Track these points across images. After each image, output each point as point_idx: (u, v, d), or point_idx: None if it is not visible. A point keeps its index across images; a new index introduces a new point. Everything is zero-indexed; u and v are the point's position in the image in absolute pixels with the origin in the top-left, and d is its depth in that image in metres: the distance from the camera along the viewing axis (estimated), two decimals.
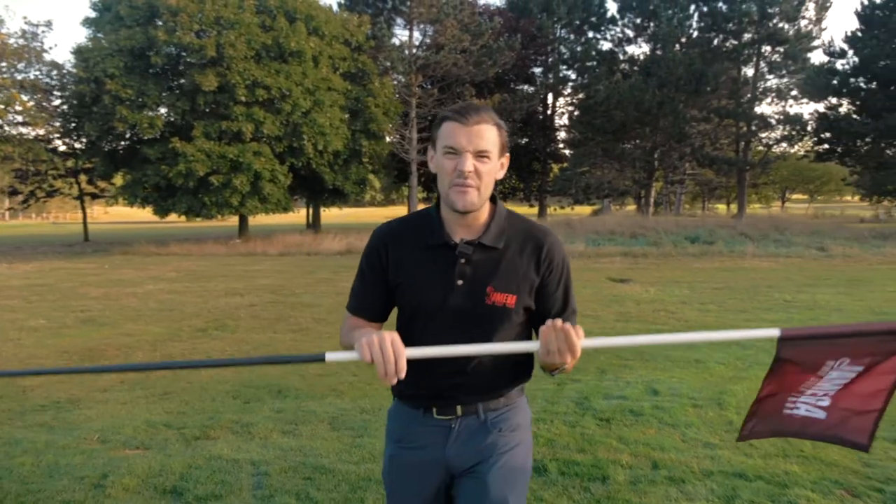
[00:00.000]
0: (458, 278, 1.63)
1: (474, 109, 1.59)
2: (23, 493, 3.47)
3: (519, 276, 1.65)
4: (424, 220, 1.70)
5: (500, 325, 1.66)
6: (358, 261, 1.79)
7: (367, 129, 24.13)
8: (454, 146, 1.57)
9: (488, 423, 1.72)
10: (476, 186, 1.57)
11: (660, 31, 32.59)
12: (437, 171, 1.63)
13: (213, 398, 5.31)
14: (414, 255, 1.67)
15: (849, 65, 29.62)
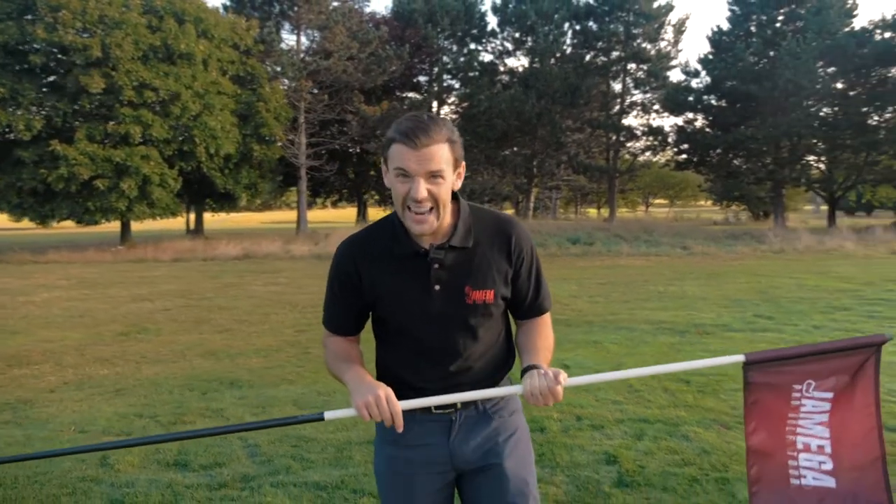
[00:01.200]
0: (435, 284, 1.62)
1: (423, 130, 1.52)
2: (32, 475, 3.79)
3: (493, 270, 1.66)
4: (389, 230, 1.68)
5: (481, 321, 1.68)
6: (254, 266, 2.17)
7: (259, 133, 24.06)
8: (404, 168, 1.53)
9: (487, 411, 1.73)
10: (432, 208, 1.56)
11: (537, 46, 34.60)
12: (391, 189, 1.60)
13: (170, 391, 5.67)
14: (385, 267, 1.65)
15: (702, 83, 32.94)
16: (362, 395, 1.50)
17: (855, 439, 1.61)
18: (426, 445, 1.70)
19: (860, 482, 1.60)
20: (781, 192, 31.90)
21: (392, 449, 1.73)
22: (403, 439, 1.69)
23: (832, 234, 22.06)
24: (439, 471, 1.71)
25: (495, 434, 1.71)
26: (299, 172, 30.66)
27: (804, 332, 7.80)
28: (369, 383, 1.54)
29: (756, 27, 31.36)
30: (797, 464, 1.64)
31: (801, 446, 1.63)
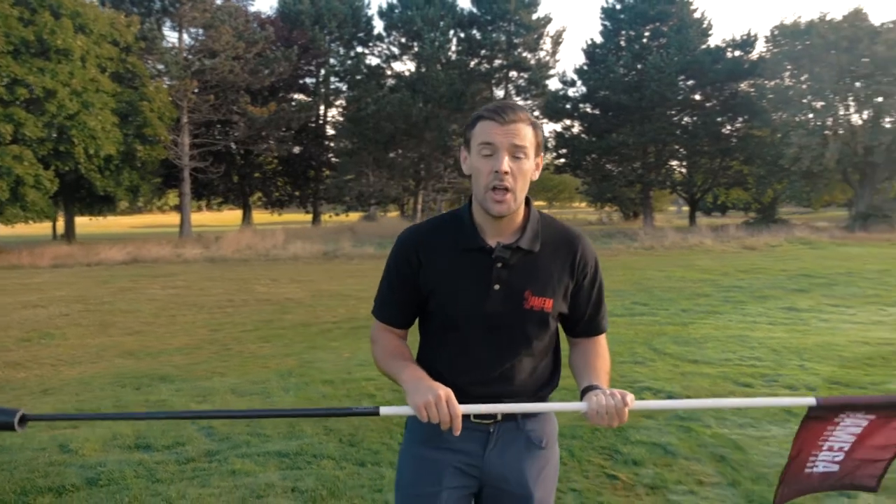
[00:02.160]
0: (495, 283, 1.59)
1: (510, 108, 1.55)
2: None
3: (555, 280, 1.63)
4: (456, 223, 1.65)
5: (535, 330, 1.63)
6: (145, 271, 2.20)
7: (142, 133, 23.21)
8: (491, 142, 1.53)
9: (526, 430, 1.68)
10: (512, 188, 1.54)
11: (423, 52, 35.47)
12: (472, 172, 1.59)
13: (101, 388, 5.81)
14: (447, 260, 1.62)
15: (578, 93, 35.15)
16: (422, 395, 1.45)
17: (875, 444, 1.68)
18: (460, 451, 1.65)
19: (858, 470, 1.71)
20: (649, 194, 34.65)
21: (423, 449, 1.68)
22: (436, 440, 1.64)
23: (693, 232, 24.44)
24: (466, 481, 1.67)
25: (531, 459, 1.67)
26: (182, 174, 29.74)
27: (674, 314, 8.99)
28: (429, 384, 1.49)
29: (625, 41, 33.90)
30: (816, 459, 1.72)
31: (826, 448, 1.71)
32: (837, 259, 16.55)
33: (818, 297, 10.58)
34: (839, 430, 1.69)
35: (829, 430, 1.69)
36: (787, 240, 21.71)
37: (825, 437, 1.70)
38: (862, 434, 1.68)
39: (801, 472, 1.74)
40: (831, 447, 1.71)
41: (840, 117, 30.19)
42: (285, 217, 44.95)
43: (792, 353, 6.62)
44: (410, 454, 1.72)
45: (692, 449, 4.15)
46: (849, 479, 1.73)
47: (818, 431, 1.69)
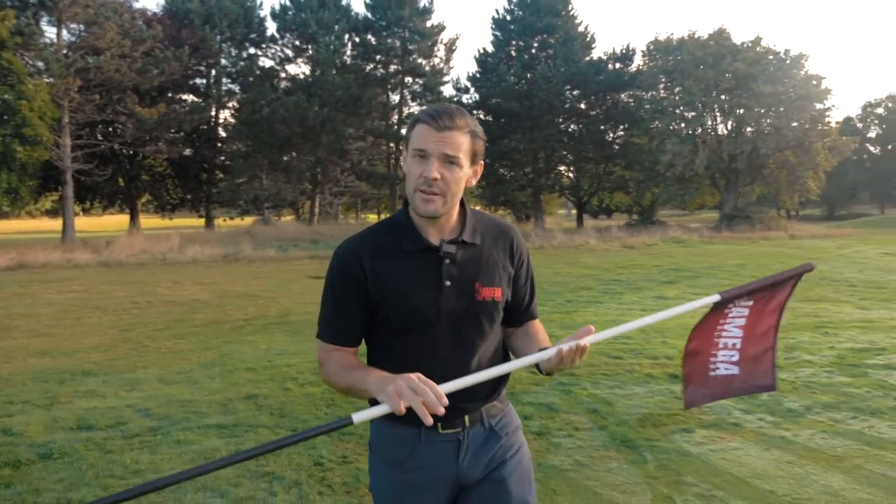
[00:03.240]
0: (446, 279, 1.59)
1: (448, 114, 1.54)
2: None
3: (499, 270, 1.67)
4: (395, 227, 1.65)
5: (489, 321, 1.66)
6: (35, 276, 2.08)
7: (21, 133, 22.07)
8: (423, 148, 1.52)
9: (494, 428, 1.70)
10: (441, 193, 1.53)
11: (318, 56, 35.58)
12: (406, 173, 1.59)
13: (24, 384, 5.96)
14: (393, 264, 1.60)
15: (472, 99, 36.48)
16: (391, 382, 1.38)
17: (758, 334, 1.81)
18: (432, 466, 1.63)
19: (754, 371, 1.82)
20: (540, 198, 36.47)
21: (397, 473, 1.65)
22: (408, 462, 1.63)
23: (580, 233, 26.18)
24: (445, 492, 1.66)
25: (501, 452, 1.69)
26: (64, 177, 28.34)
27: (560, 305, 10.02)
28: (394, 376, 1.41)
29: (515, 52, 35.56)
30: (716, 359, 1.82)
31: (721, 345, 1.82)
32: (703, 255, 18.46)
33: (684, 287, 12.02)
34: (728, 324, 1.82)
35: (721, 323, 1.82)
36: (662, 239, 23.77)
37: (718, 333, 1.82)
38: (747, 325, 1.81)
39: (706, 375, 1.84)
40: (725, 345, 1.83)
41: (708, 127, 33.22)
42: (176, 221, 43.49)
43: (657, 332, 7.72)
44: (386, 480, 1.67)
45: (571, 405, 5.01)
46: (749, 381, 1.82)
47: (711, 328, 1.82)
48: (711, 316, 1.81)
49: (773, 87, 30.04)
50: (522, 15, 34.60)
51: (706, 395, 1.86)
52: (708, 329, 1.83)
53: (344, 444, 4.23)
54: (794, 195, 34.00)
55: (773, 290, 1.79)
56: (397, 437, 1.65)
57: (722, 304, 1.78)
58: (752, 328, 1.81)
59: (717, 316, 1.81)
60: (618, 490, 3.60)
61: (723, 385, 1.84)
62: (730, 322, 1.82)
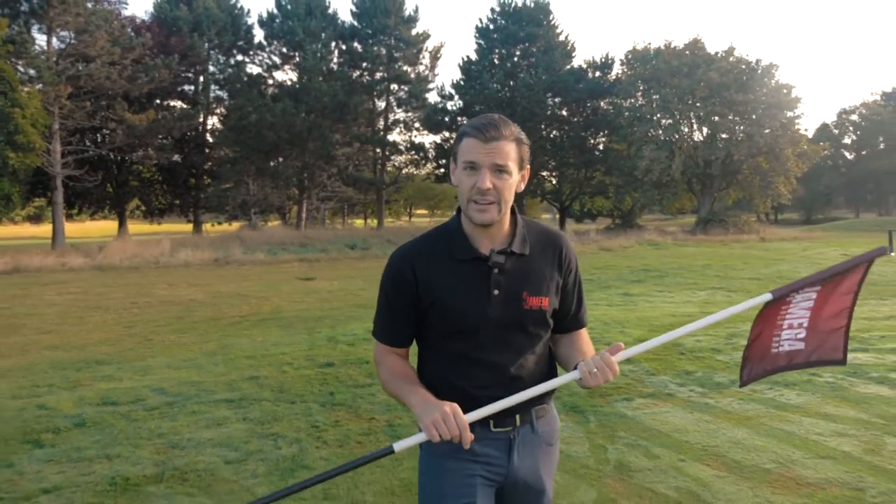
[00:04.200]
0: (494, 288, 1.64)
1: (494, 125, 1.60)
2: None
3: (547, 279, 1.70)
4: (447, 235, 1.71)
5: (536, 329, 1.71)
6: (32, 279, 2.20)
7: (13, 140, 22.59)
8: (473, 160, 1.59)
9: (539, 432, 1.76)
10: (495, 202, 1.60)
11: (305, 63, 36.24)
12: (457, 185, 1.65)
13: (45, 371, 6.64)
14: (444, 271, 1.67)
15: (456, 106, 37.28)
16: (430, 413, 1.51)
17: (829, 315, 1.77)
18: (489, 460, 1.71)
19: (823, 345, 1.79)
20: (522, 202, 37.35)
21: (448, 461, 1.70)
22: (467, 454, 1.68)
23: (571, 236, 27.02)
24: (493, 485, 1.73)
25: (545, 458, 1.77)
26: (54, 182, 28.82)
27: None
28: (435, 402, 1.54)
29: (498, 60, 36.45)
30: (780, 338, 1.81)
31: (787, 325, 1.81)
32: (674, 257, 19.37)
33: (650, 285, 12.86)
34: (793, 308, 1.80)
35: (784, 310, 1.80)
36: (637, 242, 24.70)
37: (782, 316, 1.81)
38: (815, 307, 1.78)
39: (768, 352, 1.84)
40: (791, 325, 1.81)
41: (684, 134, 34.23)
42: (164, 227, 43.93)
43: (617, 323, 8.54)
44: (436, 467, 1.72)
45: None
46: (816, 355, 1.80)
47: (774, 315, 1.81)
48: (770, 309, 1.82)
49: (744, 96, 31.13)
50: (505, 24, 35.53)
51: (765, 371, 1.87)
52: (770, 317, 1.84)
53: (336, 412, 4.99)
54: (766, 199, 35.09)
55: (842, 276, 1.77)
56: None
57: (778, 300, 1.80)
58: (819, 310, 1.80)
59: (780, 305, 1.82)
60: (563, 442, 4.38)
61: (784, 359, 1.84)
62: (794, 307, 1.82)
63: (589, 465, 4.01)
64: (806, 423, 4.68)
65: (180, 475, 3.85)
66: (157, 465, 4.02)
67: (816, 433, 4.49)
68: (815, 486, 3.68)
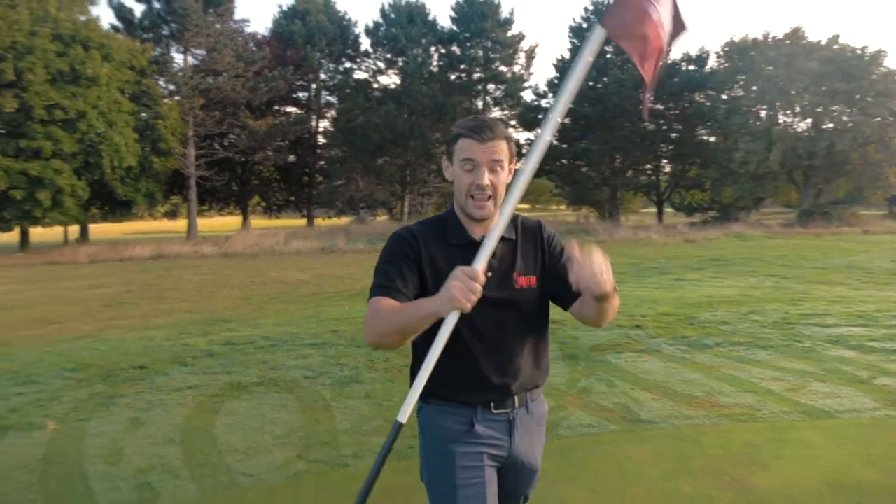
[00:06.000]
0: (488, 270, 1.67)
1: (487, 126, 1.72)
2: None
3: (533, 260, 1.84)
4: (444, 223, 1.83)
5: (527, 306, 1.82)
6: (172, 264, 2.78)
7: (157, 147, 26.19)
8: (472, 158, 1.71)
9: (533, 413, 1.88)
10: (492, 196, 1.73)
11: (407, 67, 38.54)
12: (455, 181, 1.76)
13: (185, 326, 8.78)
14: (441, 254, 1.77)
15: (549, 104, 38.22)
16: (447, 292, 1.49)
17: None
18: (492, 441, 1.80)
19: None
20: (617, 196, 37.88)
21: (456, 446, 1.78)
22: (468, 437, 1.78)
23: (646, 229, 27.64)
24: (497, 464, 1.84)
25: (538, 437, 1.93)
26: (189, 182, 32.68)
27: None
28: (444, 286, 1.52)
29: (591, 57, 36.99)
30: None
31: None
32: (753, 248, 19.75)
33: (709, 272, 13.73)
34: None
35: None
36: (724, 234, 24.94)
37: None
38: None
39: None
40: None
41: (784, 125, 33.52)
42: (281, 221, 47.90)
43: (651, 301, 9.71)
44: (444, 453, 1.79)
45: None
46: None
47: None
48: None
49: (850, 85, 30.18)
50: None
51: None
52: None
53: (388, 353, 6.68)
54: (876, 191, 33.69)
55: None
56: (453, 415, 1.80)
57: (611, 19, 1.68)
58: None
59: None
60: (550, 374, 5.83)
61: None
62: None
63: (559, 388, 5.46)
64: (754, 372, 5.86)
65: (274, 383, 5.67)
66: (259, 377, 5.87)
67: (756, 378, 5.66)
68: (724, 407, 4.95)
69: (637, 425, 4.59)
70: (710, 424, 4.59)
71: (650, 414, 4.79)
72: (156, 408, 5.01)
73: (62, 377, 5.97)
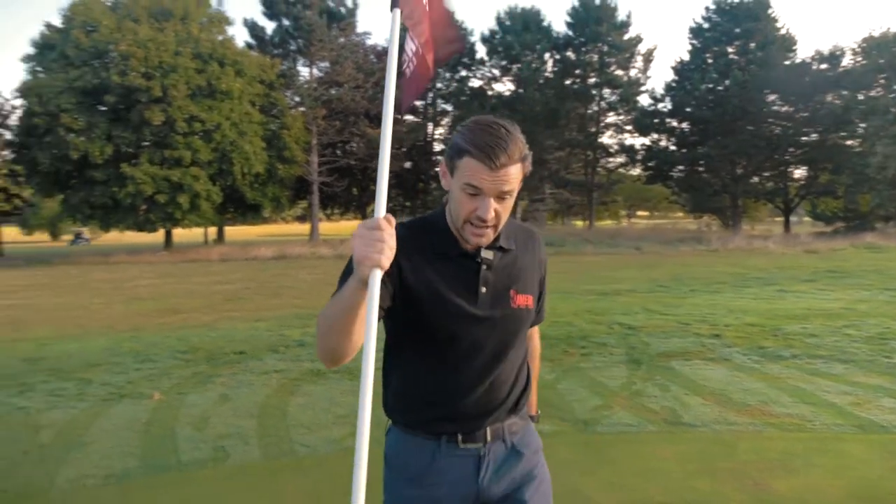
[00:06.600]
0: (482, 286, 1.52)
1: (502, 148, 1.39)
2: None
3: (531, 276, 1.62)
4: (432, 228, 1.56)
5: (520, 328, 1.60)
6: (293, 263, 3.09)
7: (282, 155, 28.21)
8: (477, 186, 1.41)
9: (516, 446, 1.63)
10: (494, 226, 1.47)
11: (521, 74, 38.85)
12: (451, 197, 1.49)
13: (289, 319, 9.65)
14: (428, 266, 1.51)
15: (666, 108, 37.27)
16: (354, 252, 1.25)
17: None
18: (452, 483, 1.56)
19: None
20: (737, 204, 36.16)
21: (414, 490, 1.57)
22: (427, 477, 1.56)
23: (762, 237, 26.30)
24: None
25: (524, 471, 1.63)
26: (311, 188, 34.82)
27: (682, 296, 11.90)
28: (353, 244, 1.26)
29: (712, 58, 35.73)
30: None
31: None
32: (881, 260, 18.38)
33: (820, 284, 13.07)
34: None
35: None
36: (853, 245, 23.25)
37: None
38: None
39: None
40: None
41: None
42: None
43: (739, 311, 9.52)
44: (401, 497, 1.60)
45: (619, 342, 7.36)
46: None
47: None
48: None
49: None
50: (720, 21, 34.78)
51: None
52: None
53: None
54: None
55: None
56: (414, 448, 1.58)
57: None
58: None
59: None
60: (606, 377, 6.03)
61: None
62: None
63: (611, 389, 5.66)
64: (823, 385, 5.75)
65: (349, 372, 6.25)
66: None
67: (822, 391, 5.56)
68: (773, 416, 4.96)
69: (677, 427, 4.73)
70: (753, 431, 4.65)
71: (693, 418, 4.90)
72: (244, 387, 5.75)
73: (174, 357, 6.91)
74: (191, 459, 4.09)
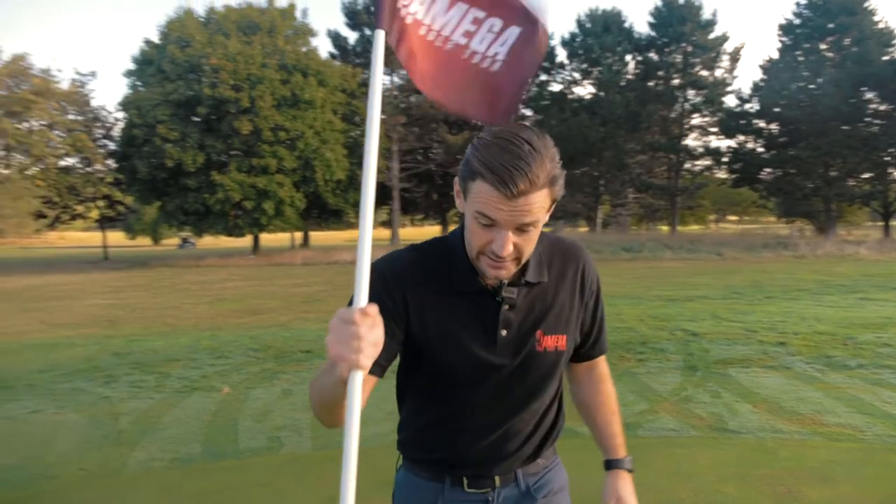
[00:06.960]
0: (502, 328, 1.30)
1: (522, 173, 1.12)
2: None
3: (567, 311, 1.37)
4: (446, 258, 1.32)
5: (548, 372, 1.37)
6: None
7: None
8: (492, 217, 1.16)
9: (530, 490, 1.44)
10: (515, 260, 1.23)
11: (602, 77, 38.37)
12: (465, 224, 1.26)
13: None
14: (440, 303, 1.30)
15: (753, 109, 35.82)
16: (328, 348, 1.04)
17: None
18: None
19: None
20: (831, 208, 34.30)
21: None
22: None
23: (855, 244, 24.87)
24: None
25: None
26: (392, 194, 35.67)
27: (755, 303, 11.56)
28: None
29: (803, 56, 34.09)
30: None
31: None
32: None
33: None
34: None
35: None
36: None
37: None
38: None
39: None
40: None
41: None
42: None
43: (814, 319, 9.20)
44: None
45: (678, 349, 7.32)
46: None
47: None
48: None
49: None
50: (812, 17, 33.17)
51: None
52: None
53: None
54: None
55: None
56: (419, 489, 1.43)
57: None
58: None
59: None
60: (658, 382, 6.05)
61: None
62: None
63: (660, 394, 5.68)
64: (885, 395, 5.56)
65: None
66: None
67: (882, 402, 5.39)
68: (825, 425, 4.88)
69: (720, 433, 4.73)
70: (798, 440, 4.59)
71: (739, 425, 4.88)
72: (306, 383, 6.13)
73: (246, 355, 7.42)
74: (247, 447, 4.47)
